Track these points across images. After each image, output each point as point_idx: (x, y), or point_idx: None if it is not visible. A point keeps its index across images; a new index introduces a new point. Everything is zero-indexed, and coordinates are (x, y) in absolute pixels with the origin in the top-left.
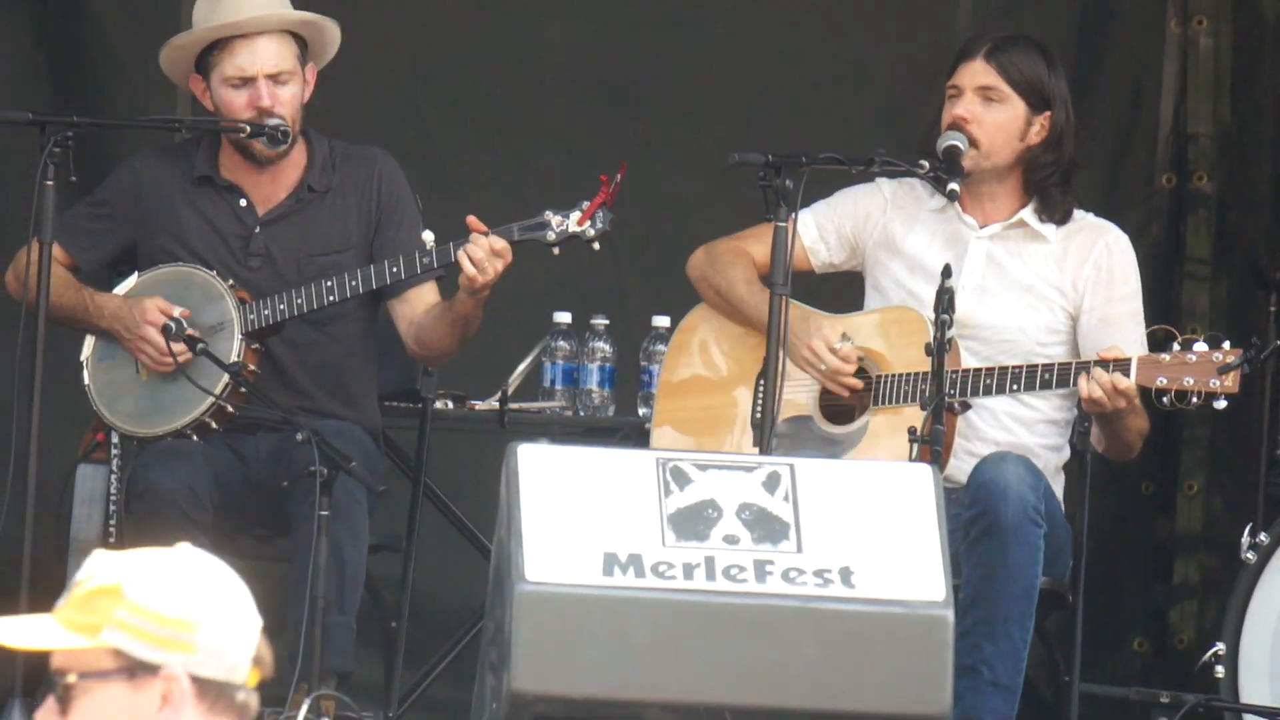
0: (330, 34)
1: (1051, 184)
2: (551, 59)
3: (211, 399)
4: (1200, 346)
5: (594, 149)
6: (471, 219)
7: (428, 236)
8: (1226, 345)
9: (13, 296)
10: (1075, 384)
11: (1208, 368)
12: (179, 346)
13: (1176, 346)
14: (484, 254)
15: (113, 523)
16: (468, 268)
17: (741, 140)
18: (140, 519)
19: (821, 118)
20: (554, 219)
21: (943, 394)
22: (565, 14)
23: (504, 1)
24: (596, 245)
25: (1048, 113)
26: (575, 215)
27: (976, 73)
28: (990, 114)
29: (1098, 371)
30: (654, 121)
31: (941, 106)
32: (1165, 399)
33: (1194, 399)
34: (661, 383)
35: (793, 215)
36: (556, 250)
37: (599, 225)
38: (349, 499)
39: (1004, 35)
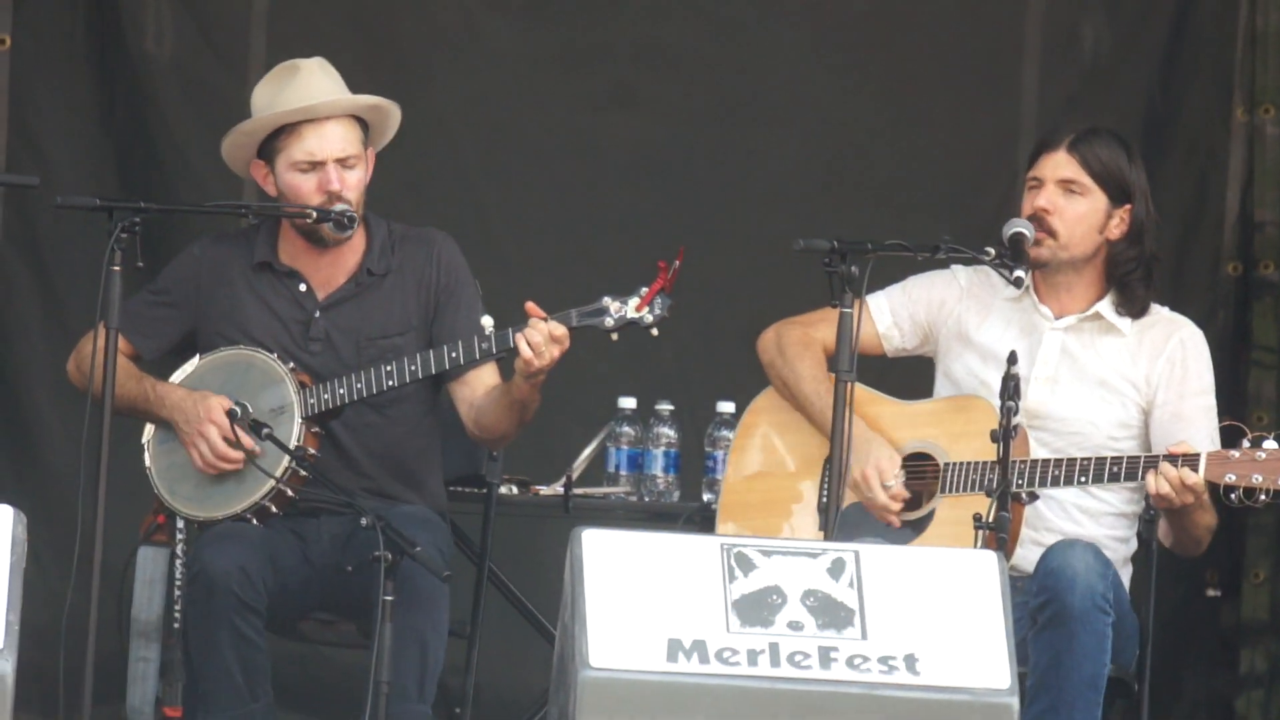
0: (393, 117)
1: (1134, 278)
2: (611, 145)
3: (272, 483)
4: (1270, 444)
5: (653, 234)
6: (530, 305)
7: (487, 321)
8: None
9: (75, 385)
10: (1143, 478)
11: (1277, 466)
12: (247, 440)
13: (1246, 443)
14: (542, 339)
15: (177, 606)
16: (525, 351)
17: (802, 225)
18: (195, 601)
19: (884, 204)
20: (612, 305)
21: (1007, 480)
22: (625, 100)
23: (565, 87)
24: (654, 331)
25: (1128, 205)
26: (634, 301)
27: (1059, 164)
28: (1071, 206)
29: (1165, 467)
30: (713, 207)
31: (1006, 193)
32: (1233, 496)
33: (1262, 496)
34: (729, 465)
35: (858, 301)
36: (615, 336)
37: (657, 311)
38: (433, 588)
39: (1086, 127)
